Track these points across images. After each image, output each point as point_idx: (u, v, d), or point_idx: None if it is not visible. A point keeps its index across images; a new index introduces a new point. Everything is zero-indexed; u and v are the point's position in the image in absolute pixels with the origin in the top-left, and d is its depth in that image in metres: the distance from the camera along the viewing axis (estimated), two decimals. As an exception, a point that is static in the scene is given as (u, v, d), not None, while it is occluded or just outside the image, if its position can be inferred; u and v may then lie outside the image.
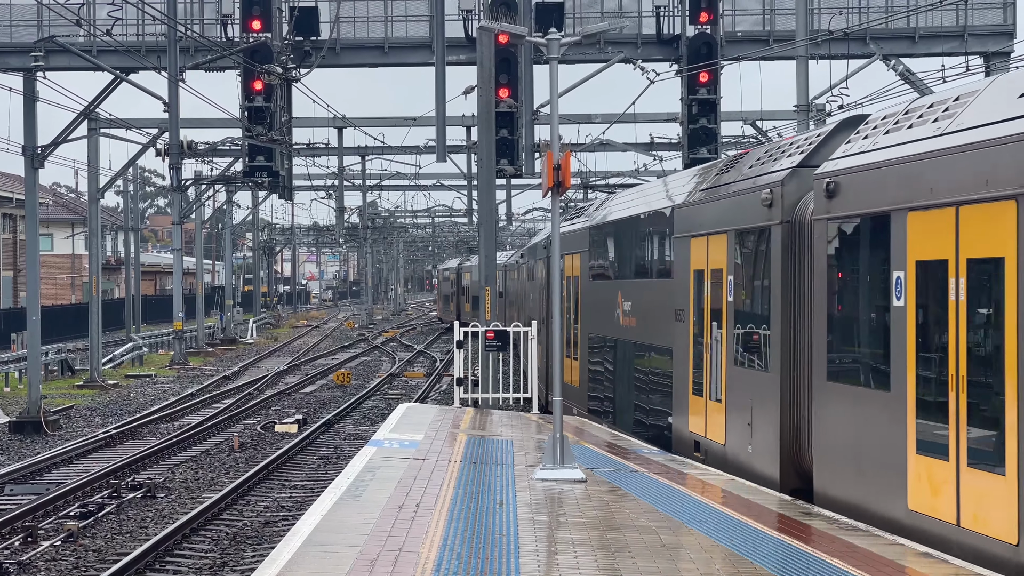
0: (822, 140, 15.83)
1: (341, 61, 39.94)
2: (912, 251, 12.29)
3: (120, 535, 19.06)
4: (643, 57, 37.09)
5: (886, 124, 13.71)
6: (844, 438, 13.65)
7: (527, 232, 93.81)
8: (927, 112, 12.85)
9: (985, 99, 11.79)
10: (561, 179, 16.85)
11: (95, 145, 47.76)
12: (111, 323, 70.82)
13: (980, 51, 36.67)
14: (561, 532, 12.55)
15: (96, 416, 35.31)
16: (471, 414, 24.18)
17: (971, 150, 11.26)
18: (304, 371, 51.39)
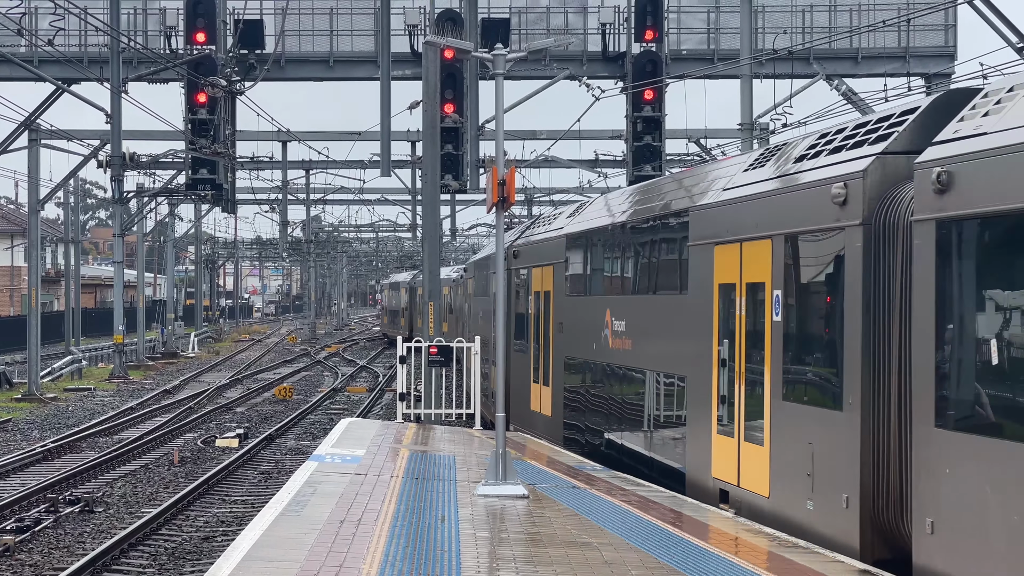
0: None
1: (286, 74, 39.84)
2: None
3: (57, 550, 18.84)
4: (588, 74, 37.24)
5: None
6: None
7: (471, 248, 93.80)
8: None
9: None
10: (506, 195, 16.85)
11: (36, 156, 47.31)
12: (50, 336, 70.12)
13: (921, 72, 37.07)
14: (503, 548, 12.51)
15: (34, 429, 34.92)
16: (414, 429, 24.11)
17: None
18: (246, 385, 51.08)
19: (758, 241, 14.71)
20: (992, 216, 10.24)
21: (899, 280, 12.07)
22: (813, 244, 13.49)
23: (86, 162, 48.56)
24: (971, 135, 10.78)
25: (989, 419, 10.19)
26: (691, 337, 16.72)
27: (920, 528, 11.05)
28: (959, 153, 10.76)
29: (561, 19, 39.90)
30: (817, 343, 13.41)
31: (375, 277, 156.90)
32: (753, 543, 13.17)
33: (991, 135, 10.47)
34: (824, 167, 13.53)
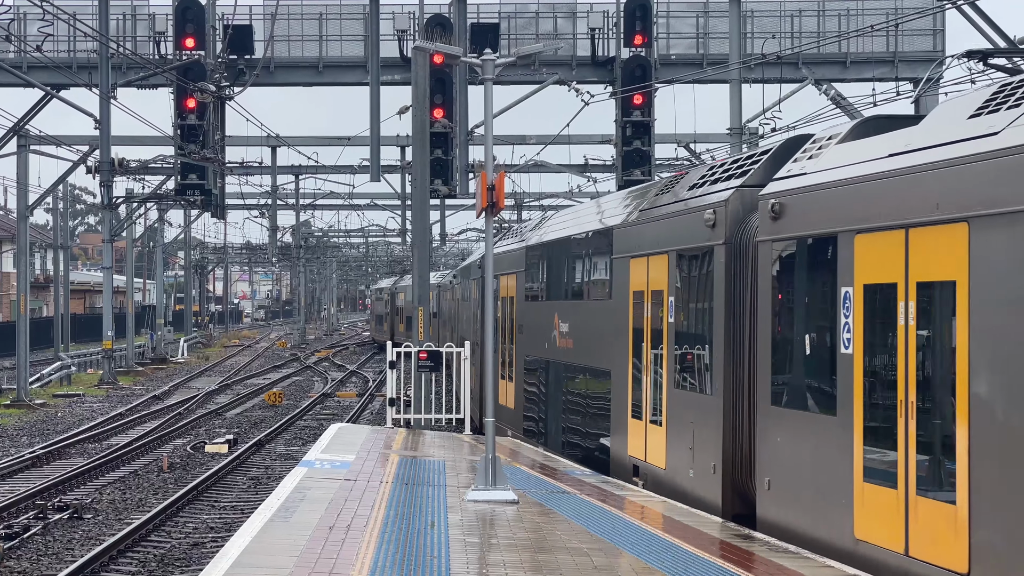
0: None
1: (275, 80, 39.81)
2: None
3: (46, 556, 18.79)
4: (578, 79, 37.25)
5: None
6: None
7: (461, 253, 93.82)
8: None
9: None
10: (495, 199, 16.84)
11: (24, 162, 47.24)
12: (39, 342, 69.98)
13: (910, 77, 37.13)
14: (493, 554, 12.49)
15: (23, 436, 34.84)
16: (403, 434, 24.08)
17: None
18: (235, 391, 51.02)
19: (659, 256, 17.67)
20: (805, 238, 13.32)
21: (749, 290, 14.94)
22: (695, 259, 16.36)
23: (75, 168, 48.50)
24: (796, 175, 13.85)
25: (803, 397, 13.23)
26: (614, 337, 19.56)
27: (761, 486, 14.15)
28: (787, 189, 13.79)
29: (550, 24, 39.93)
30: (696, 341, 16.26)
31: (365, 282, 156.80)
32: (743, 548, 13.17)
33: (807, 175, 13.54)
34: (704, 196, 16.41)
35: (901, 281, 11.48)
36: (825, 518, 12.61)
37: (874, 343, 12.01)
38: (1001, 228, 10.09)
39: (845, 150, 13.20)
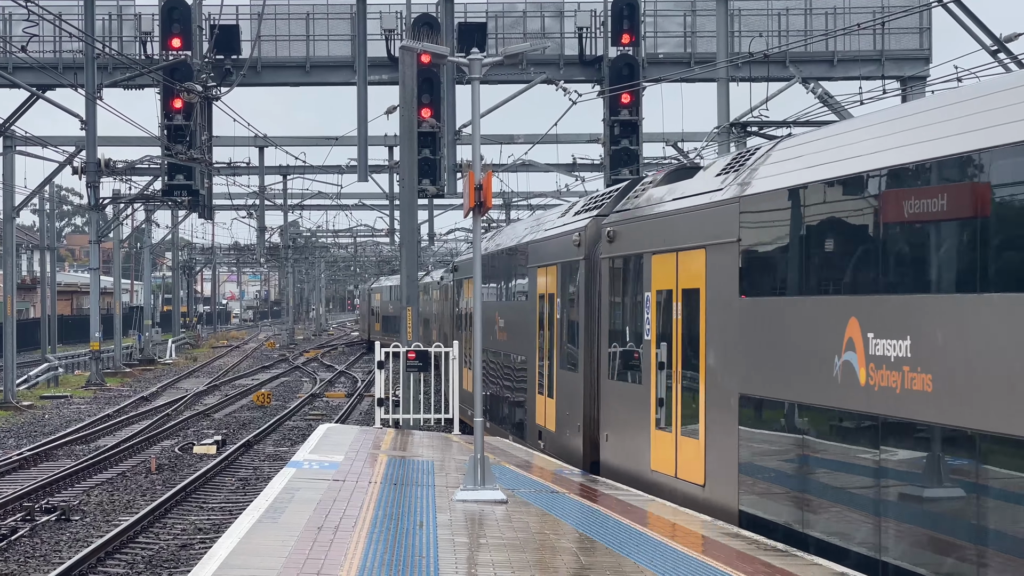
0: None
1: (262, 80, 39.77)
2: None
3: (33, 559, 18.73)
4: (565, 78, 37.25)
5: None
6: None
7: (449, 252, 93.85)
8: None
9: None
10: (483, 199, 16.81)
11: (10, 163, 47.12)
12: (26, 343, 69.81)
13: (897, 75, 37.18)
14: (482, 554, 12.47)
15: (10, 438, 34.75)
16: (392, 435, 24.05)
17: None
18: (224, 392, 50.94)
19: (552, 266, 22.48)
20: (627, 256, 18.62)
21: (597, 294, 20.05)
22: (569, 270, 21.40)
23: (61, 169, 48.40)
24: (623, 209, 19.24)
25: (625, 372, 18.48)
26: (529, 330, 24.11)
27: (603, 439, 19.47)
28: (616, 220, 19.18)
29: (538, 23, 39.92)
30: (571, 331, 21.17)
31: (353, 282, 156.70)
32: (726, 544, 13.16)
33: (629, 211, 18.90)
34: (577, 221, 21.59)
35: (674, 288, 16.64)
36: (636, 458, 17.85)
37: (660, 333, 17.06)
38: (721, 253, 15.11)
39: (653, 193, 18.43)
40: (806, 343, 12.88)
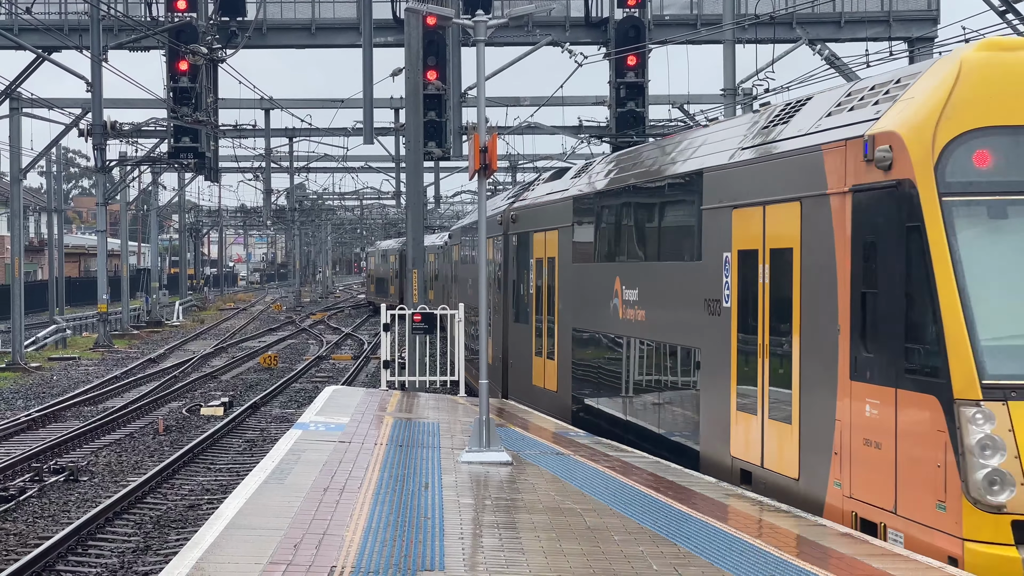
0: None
1: (268, 42, 39.68)
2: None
3: (42, 519, 18.87)
4: (571, 40, 37.14)
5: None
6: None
7: (456, 214, 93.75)
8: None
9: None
10: (488, 161, 16.83)
11: (17, 125, 47.12)
12: (34, 305, 69.99)
13: (904, 36, 37.02)
14: (486, 515, 12.56)
15: (18, 399, 34.90)
16: (398, 397, 24.14)
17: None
18: (231, 354, 51.08)
19: (490, 239, 27.78)
20: (521, 234, 25.43)
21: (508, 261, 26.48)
22: (500, 241, 27.53)
23: (68, 131, 48.40)
24: (524, 199, 26.19)
25: (520, 316, 24.92)
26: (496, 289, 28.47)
27: (508, 372, 26.44)
28: (517, 206, 25.98)
29: (544, -15, 39.70)
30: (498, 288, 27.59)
31: (360, 245, 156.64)
32: (736, 507, 13.24)
33: (526, 200, 25.74)
34: (501, 206, 28.15)
35: (543, 257, 23.06)
36: (525, 381, 24.30)
37: (537, 289, 23.51)
38: (564, 234, 21.88)
39: (540, 188, 25.37)
40: (600, 293, 19.97)
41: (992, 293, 10.66)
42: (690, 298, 15.99)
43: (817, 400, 12.56)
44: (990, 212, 10.90)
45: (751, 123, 15.31)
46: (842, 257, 12.12)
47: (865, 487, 11.74)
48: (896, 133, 11.21)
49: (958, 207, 10.84)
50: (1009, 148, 10.89)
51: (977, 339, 10.45)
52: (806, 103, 14.00)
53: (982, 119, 10.98)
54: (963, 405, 10.35)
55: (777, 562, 10.65)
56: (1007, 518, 10.21)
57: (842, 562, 10.65)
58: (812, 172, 12.66)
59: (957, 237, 10.76)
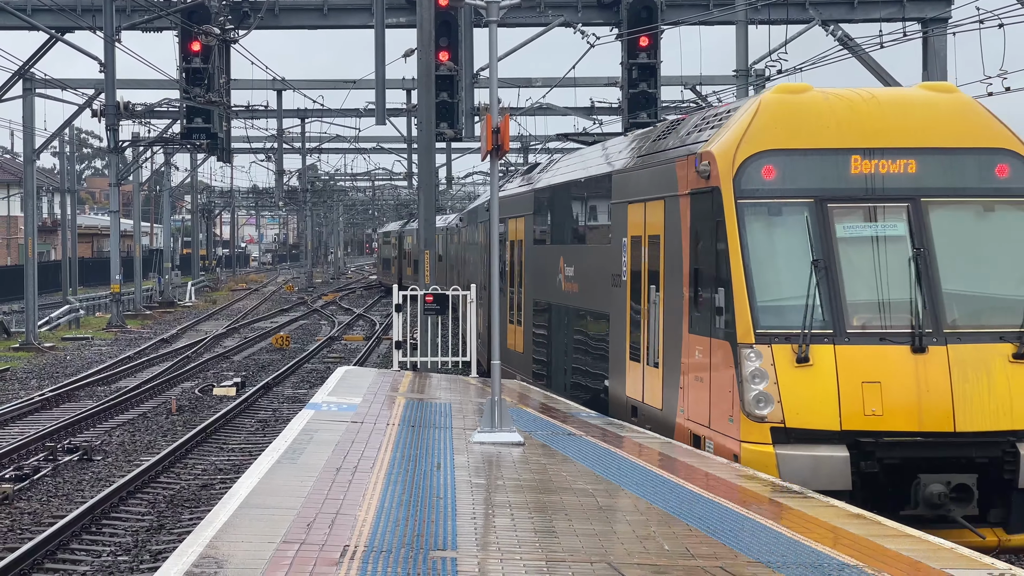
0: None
1: (280, 22, 39.63)
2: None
3: (56, 498, 18.97)
4: (583, 21, 37.05)
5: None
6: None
7: (468, 196, 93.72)
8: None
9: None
10: (500, 142, 16.82)
11: (30, 105, 47.18)
12: (47, 285, 70.15)
13: (918, 16, 36.90)
14: (498, 495, 12.61)
15: (32, 379, 35.04)
16: (410, 377, 24.19)
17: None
18: (243, 334, 51.20)
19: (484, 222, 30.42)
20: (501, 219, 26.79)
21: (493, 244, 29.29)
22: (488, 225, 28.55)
23: (81, 111, 48.44)
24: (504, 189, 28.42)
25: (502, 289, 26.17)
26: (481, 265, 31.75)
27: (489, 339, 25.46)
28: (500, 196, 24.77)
29: (556, -35, 39.63)
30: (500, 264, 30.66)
31: (371, 226, 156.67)
32: (748, 488, 13.27)
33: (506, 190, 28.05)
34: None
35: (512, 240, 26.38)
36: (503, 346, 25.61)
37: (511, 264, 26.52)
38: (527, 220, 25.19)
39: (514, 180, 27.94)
40: (550, 270, 23.17)
41: (766, 268, 14.43)
42: (604, 274, 19.70)
43: (672, 350, 16.23)
44: (770, 211, 14.59)
45: (650, 136, 19.10)
46: (685, 243, 15.83)
47: (695, 411, 15.53)
48: (712, 152, 14.99)
49: (748, 207, 14.56)
50: (786, 165, 14.68)
51: (755, 301, 14.21)
52: (680, 123, 17.78)
53: (769, 144, 14.69)
54: (743, 347, 14.15)
55: (790, 543, 10.69)
56: (767, 426, 13.96)
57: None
58: (670, 178, 16.47)
59: (745, 229, 14.45)
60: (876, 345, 14.02)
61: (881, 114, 14.96)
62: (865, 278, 14.35)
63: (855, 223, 14.59)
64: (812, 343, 13.97)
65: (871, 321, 14.20)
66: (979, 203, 14.81)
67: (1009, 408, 13.83)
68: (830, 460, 13.64)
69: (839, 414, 13.77)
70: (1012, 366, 13.99)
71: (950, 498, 13.55)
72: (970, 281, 14.54)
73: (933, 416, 13.75)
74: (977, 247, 14.72)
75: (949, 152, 14.83)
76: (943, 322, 14.15)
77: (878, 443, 13.69)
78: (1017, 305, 14.30)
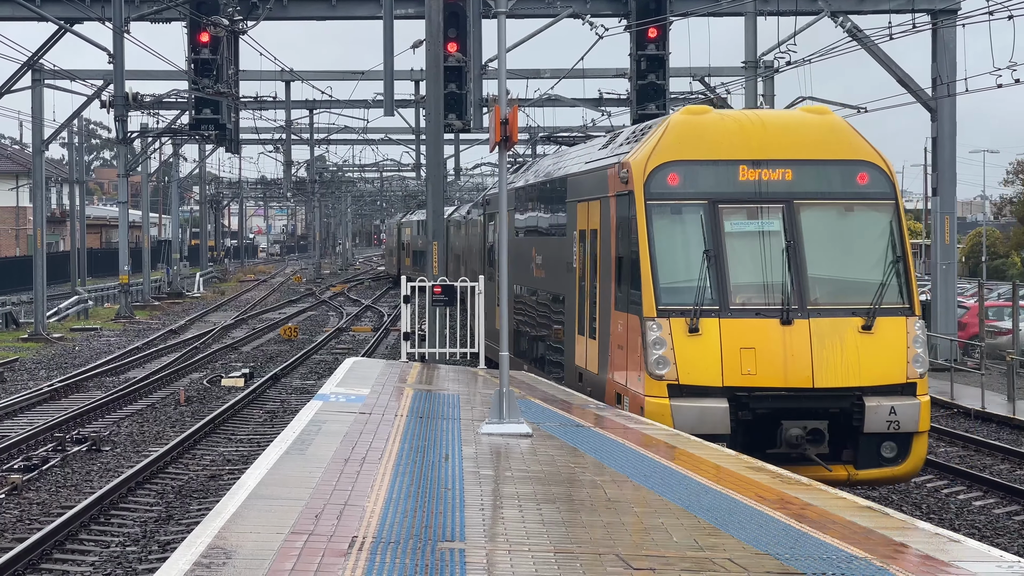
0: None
1: (288, 14, 39.64)
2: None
3: (65, 488, 19.00)
4: (592, 12, 37.01)
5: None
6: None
7: (476, 187, 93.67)
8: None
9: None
10: (508, 134, 16.81)
11: (39, 96, 47.22)
12: (56, 276, 70.25)
13: (927, 8, 36.82)
14: (506, 486, 12.61)
15: (41, 369, 35.09)
16: (418, 368, 24.20)
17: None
18: (251, 325, 51.24)
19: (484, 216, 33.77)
20: (488, 214, 31.82)
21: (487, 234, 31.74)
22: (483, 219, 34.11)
23: (90, 102, 48.48)
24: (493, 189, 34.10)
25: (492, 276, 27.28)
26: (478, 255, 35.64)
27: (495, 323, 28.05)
28: (490, 194, 32.73)
29: (565, -44, 39.56)
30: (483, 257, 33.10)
31: (380, 217, 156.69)
32: (753, 479, 13.27)
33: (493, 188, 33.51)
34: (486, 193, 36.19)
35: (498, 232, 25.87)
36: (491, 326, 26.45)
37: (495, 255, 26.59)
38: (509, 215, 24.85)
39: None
40: (525, 259, 25.56)
41: (667, 257, 17.47)
42: (562, 262, 22.50)
43: (604, 324, 19.20)
44: (672, 210, 17.60)
45: (596, 146, 22.34)
46: (612, 236, 18.86)
47: (618, 374, 18.48)
48: (629, 163, 18.11)
49: (654, 207, 17.60)
50: (687, 173, 17.70)
51: (658, 283, 17.30)
52: (618, 135, 21.06)
53: (674, 156, 17.73)
54: (647, 320, 17.22)
55: (798, 534, 10.69)
56: (665, 383, 17.01)
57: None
58: (604, 182, 19.42)
59: (652, 224, 17.48)
60: (752, 319, 17.10)
61: (765, 132, 18.00)
62: (746, 265, 17.45)
63: (740, 220, 17.69)
64: (702, 317, 17.08)
65: (750, 299, 17.28)
66: (842, 204, 17.87)
67: (858, 369, 16.92)
68: (713, 410, 16.82)
69: (721, 374, 16.89)
70: (861, 336, 17.09)
71: (806, 440, 16.66)
72: (831, 267, 17.65)
73: (796, 375, 16.84)
74: (838, 240, 17.81)
75: (819, 163, 17.90)
76: (807, 300, 17.22)
77: (751, 396, 16.80)
78: (867, 287, 17.34)
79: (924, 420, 17.11)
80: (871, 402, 16.83)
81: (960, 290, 43.65)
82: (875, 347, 17.08)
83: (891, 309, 17.29)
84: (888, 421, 16.86)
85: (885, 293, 17.30)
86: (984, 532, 17.83)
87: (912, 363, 17.17)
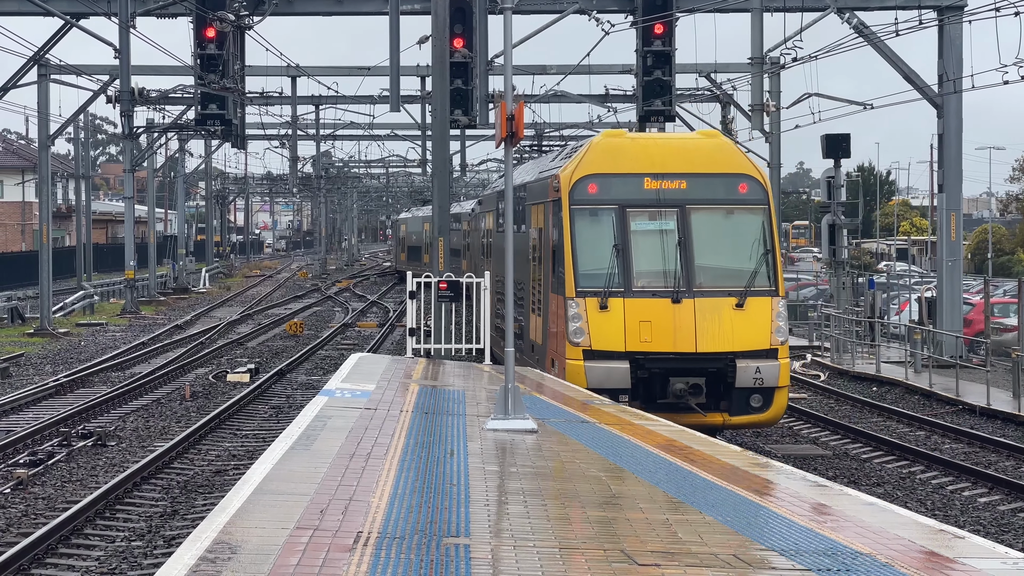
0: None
1: (294, 9, 39.62)
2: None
3: (70, 483, 19.02)
4: (598, 8, 36.97)
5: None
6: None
7: (482, 183, 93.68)
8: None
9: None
10: (514, 130, 16.81)
11: (45, 91, 47.24)
12: (62, 271, 70.31)
13: (934, 4, 36.76)
14: (511, 482, 12.61)
15: (46, 364, 35.13)
16: (423, 364, 24.20)
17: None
18: (257, 321, 51.26)
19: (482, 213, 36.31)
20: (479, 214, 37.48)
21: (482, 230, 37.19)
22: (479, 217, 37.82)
23: (95, 97, 48.47)
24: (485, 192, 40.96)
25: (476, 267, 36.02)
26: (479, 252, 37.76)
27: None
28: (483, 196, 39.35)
29: (571, -48, 39.49)
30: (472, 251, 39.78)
31: (385, 213, 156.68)
32: (758, 475, 13.27)
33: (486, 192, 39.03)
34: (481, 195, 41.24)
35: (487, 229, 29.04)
36: None
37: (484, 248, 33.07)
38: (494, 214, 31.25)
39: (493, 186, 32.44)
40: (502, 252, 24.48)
41: (585, 250, 21.47)
42: (525, 254, 25.55)
43: (545, 304, 23.02)
44: (590, 213, 21.70)
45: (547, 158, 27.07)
46: (549, 233, 22.79)
47: (552, 344, 22.34)
48: (559, 175, 22.24)
49: (576, 210, 21.70)
50: (603, 183, 21.78)
51: (577, 270, 21.33)
52: (563, 151, 25.60)
53: (593, 170, 21.83)
54: (568, 300, 21.24)
55: (802, 529, 10.69)
56: (581, 348, 21.04)
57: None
58: (546, 189, 23.37)
59: (574, 224, 21.61)
60: (650, 299, 21.20)
61: (665, 152, 22.13)
62: (647, 256, 21.52)
63: (643, 221, 21.76)
64: (610, 297, 21.16)
65: (648, 283, 21.37)
66: (725, 209, 21.93)
67: (731, 337, 20.95)
68: (618, 369, 20.90)
69: (624, 341, 20.97)
70: (734, 312, 21.12)
71: (688, 392, 20.72)
72: (714, 258, 21.63)
73: (683, 342, 20.92)
74: (721, 237, 21.81)
75: (707, 176, 22.00)
76: (693, 284, 21.28)
77: (647, 358, 20.86)
78: (742, 274, 21.42)
79: (784, 377, 21.14)
80: (741, 363, 20.84)
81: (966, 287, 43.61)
82: (746, 321, 21.10)
83: (760, 291, 21.34)
84: (755, 378, 20.88)
85: (755, 278, 21.36)
86: (989, 528, 17.83)
87: (775, 333, 21.18)
